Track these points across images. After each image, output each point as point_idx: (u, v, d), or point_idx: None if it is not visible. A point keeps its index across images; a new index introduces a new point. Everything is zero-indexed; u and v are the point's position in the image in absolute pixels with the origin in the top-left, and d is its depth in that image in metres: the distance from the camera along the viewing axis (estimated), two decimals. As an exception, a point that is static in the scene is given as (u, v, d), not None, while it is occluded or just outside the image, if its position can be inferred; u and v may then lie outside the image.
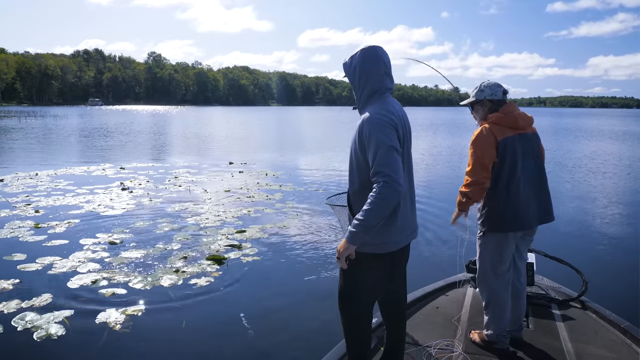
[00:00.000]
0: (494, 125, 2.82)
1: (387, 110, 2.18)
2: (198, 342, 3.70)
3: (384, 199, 2.02)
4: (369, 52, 2.29)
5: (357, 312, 2.35)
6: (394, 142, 2.10)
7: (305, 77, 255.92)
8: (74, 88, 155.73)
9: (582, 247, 6.32)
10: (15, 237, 6.26)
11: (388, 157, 2.06)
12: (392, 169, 2.03)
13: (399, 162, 2.08)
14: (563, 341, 3.05)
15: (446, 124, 47.52)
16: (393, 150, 2.08)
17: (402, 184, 2.04)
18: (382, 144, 2.08)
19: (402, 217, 2.24)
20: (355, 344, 2.40)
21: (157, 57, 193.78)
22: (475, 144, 2.82)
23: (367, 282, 2.30)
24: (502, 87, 2.94)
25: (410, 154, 2.34)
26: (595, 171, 13.76)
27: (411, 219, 2.35)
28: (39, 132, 29.04)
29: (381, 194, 2.02)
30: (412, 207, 2.35)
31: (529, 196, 2.83)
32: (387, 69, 2.30)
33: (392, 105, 2.24)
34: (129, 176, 11.73)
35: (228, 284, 4.80)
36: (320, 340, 3.63)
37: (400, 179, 2.04)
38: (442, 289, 3.86)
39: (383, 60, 2.29)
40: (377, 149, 2.08)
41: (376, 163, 2.06)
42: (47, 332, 3.75)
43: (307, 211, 8.03)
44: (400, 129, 2.19)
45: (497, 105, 2.91)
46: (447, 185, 11.00)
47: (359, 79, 2.30)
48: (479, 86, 2.98)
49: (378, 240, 2.21)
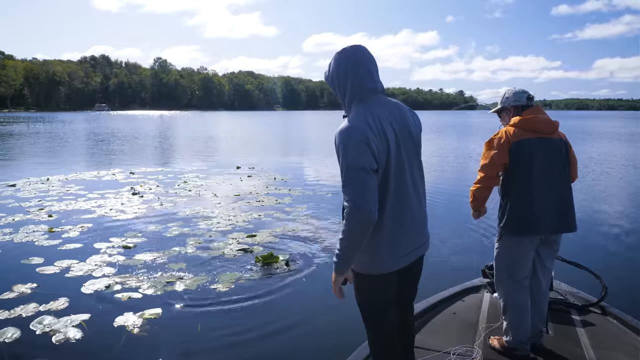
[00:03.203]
0: (512, 127, 2.85)
1: (362, 121, 1.95)
2: (213, 346, 3.71)
3: (351, 227, 1.89)
4: (342, 56, 2.08)
5: (373, 326, 2.24)
6: (362, 162, 1.88)
7: (309, 82, 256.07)
8: (81, 94, 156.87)
9: (599, 251, 6.27)
10: (31, 241, 6.31)
11: (352, 179, 1.88)
12: (356, 194, 1.87)
13: (365, 185, 1.88)
14: (584, 348, 3.00)
15: (453, 127, 47.41)
16: (359, 170, 1.87)
17: (369, 209, 1.86)
18: (347, 165, 1.90)
19: (395, 235, 2.05)
20: (375, 348, 2.31)
21: (162, 62, 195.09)
22: (488, 145, 2.89)
23: (370, 302, 2.18)
24: (527, 93, 2.97)
25: (411, 160, 2.10)
26: (610, 173, 13.68)
27: (415, 234, 2.14)
28: (47, 138, 29.27)
29: (348, 222, 1.89)
30: (416, 221, 2.12)
31: (548, 201, 2.79)
32: (368, 68, 2.06)
33: (372, 113, 1.99)
34: (139, 181, 11.80)
35: (243, 288, 4.81)
36: (339, 342, 3.61)
37: (368, 203, 1.86)
38: (458, 294, 3.83)
39: (359, 61, 2.06)
40: (342, 169, 1.92)
41: (342, 184, 1.92)
42: (66, 335, 3.77)
43: (316, 215, 8.04)
44: (381, 140, 1.95)
45: (522, 110, 2.93)
46: (461, 188, 10.97)
47: (337, 87, 2.11)
48: (505, 93, 3.05)
49: (370, 261, 2.06)
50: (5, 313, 4.13)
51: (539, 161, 2.79)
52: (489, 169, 2.85)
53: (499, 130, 2.91)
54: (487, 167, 2.85)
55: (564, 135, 2.93)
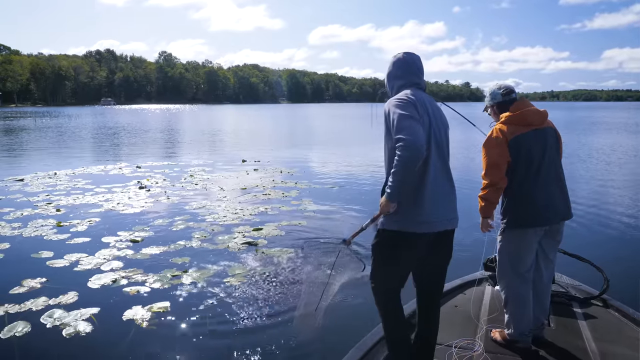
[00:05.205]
0: (505, 124, 2.86)
1: (406, 94, 2.42)
2: (223, 338, 3.77)
3: (402, 160, 2.19)
4: (396, 58, 2.64)
5: (385, 292, 2.53)
6: (410, 112, 2.30)
7: (315, 74, 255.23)
8: (87, 88, 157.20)
9: (601, 244, 6.28)
10: (40, 235, 6.40)
11: (402, 123, 2.26)
12: (407, 132, 2.21)
13: (414, 126, 2.25)
14: (586, 340, 3.03)
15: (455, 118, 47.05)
16: (408, 118, 2.27)
17: (418, 144, 2.19)
18: (397, 115, 2.30)
19: (431, 197, 2.36)
20: (387, 322, 2.55)
21: (167, 56, 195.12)
22: (487, 146, 2.87)
23: (394, 261, 2.46)
24: (501, 89, 3.00)
25: (442, 142, 2.46)
26: (613, 164, 13.61)
27: (447, 204, 2.45)
28: (54, 132, 29.45)
29: (399, 157, 2.20)
30: (447, 193, 2.46)
31: (550, 192, 2.83)
32: (411, 69, 2.59)
33: (414, 94, 2.44)
34: (146, 175, 11.88)
35: (249, 281, 4.87)
36: (352, 328, 3.67)
37: (418, 140, 2.20)
38: (459, 287, 3.85)
39: (410, 62, 2.61)
40: (394, 121, 2.30)
41: (394, 133, 2.27)
42: (76, 329, 3.84)
43: (323, 208, 8.08)
44: (422, 110, 2.37)
45: (508, 104, 2.94)
46: (464, 179, 10.96)
47: (388, 82, 2.66)
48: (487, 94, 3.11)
49: (405, 218, 2.37)
50: (16, 307, 4.22)
51: (538, 153, 2.82)
52: (496, 170, 2.81)
53: (492, 130, 2.92)
54: (494, 168, 2.81)
55: (552, 123, 2.97)
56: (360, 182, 11.02)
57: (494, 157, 2.81)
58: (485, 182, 2.85)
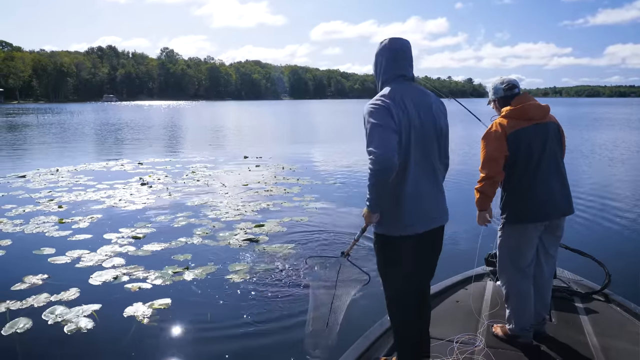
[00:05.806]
0: (505, 118, 2.85)
1: (383, 96, 2.30)
2: (224, 334, 3.78)
3: (373, 174, 2.15)
4: (381, 45, 2.47)
5: (395, 292, 2.54)
6: (382, 121, 2.20)
7: (317, 71, 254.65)
8: (89, 85, 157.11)
9: (603, 239, 6.27)
10: (41, 232, 6.41)
11: (372, 133, 2.19)
12: (376, 144, 2.15)
13: (384, 136, 2.17)
14: (588, 335, 3.02)
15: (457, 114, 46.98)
16: (377, 127, 2.19)
17: (387, 155, 2.12)
18: (369, 125, 2.22)
19: (411, 199, 2.32)
20: (393, 315, 2.57)
21: (169, 52, 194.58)
22: (485, 140, 2.87)
23: (391, 262, 2.45)
24: (504, 84, 2.98)
25: (428, 139, 2.36)
26: (615, 160, 13.57)
27: (430, 204, 2.39)
28: (56, 129, 29.48)
29: (370, 171, 2.16)
30: (429, 193, 2.39)
31: (550, 187, 2.82)
32: (396, 57, 2.41)
33: (397, 91, 2.32)
34: (148, 171, 11.89)
35: (251, 277, 4.87)
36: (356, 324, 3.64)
37: (387, 151, 2.13)
38: (460, 282, 3.86)
39: (393, 50, 2.42)
40: (366, 130, 2.25)
41: (366, 144, 2.22)
42: (77, 325, 3.85)
43: (325, 205, 8.08)
44: (402, 111, 2.26)
45: (510, 99, 2.93)
46: (464, 174, 10.93)
47: (375, 71, 2.51)
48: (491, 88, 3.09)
49: (389, 222, 2.35)
50: (18, 303, 4.23)
51: (538, 148, 2.80)
52: (493, 163, 2.80)
53: (492, 123, 2.91)
54: (491, 162, 2.81)
55: (554, 118, 2.95)
56: (362, 178, 11.00)
57: (492, 150, 2.81)
58: (482, 175, 2.86)
